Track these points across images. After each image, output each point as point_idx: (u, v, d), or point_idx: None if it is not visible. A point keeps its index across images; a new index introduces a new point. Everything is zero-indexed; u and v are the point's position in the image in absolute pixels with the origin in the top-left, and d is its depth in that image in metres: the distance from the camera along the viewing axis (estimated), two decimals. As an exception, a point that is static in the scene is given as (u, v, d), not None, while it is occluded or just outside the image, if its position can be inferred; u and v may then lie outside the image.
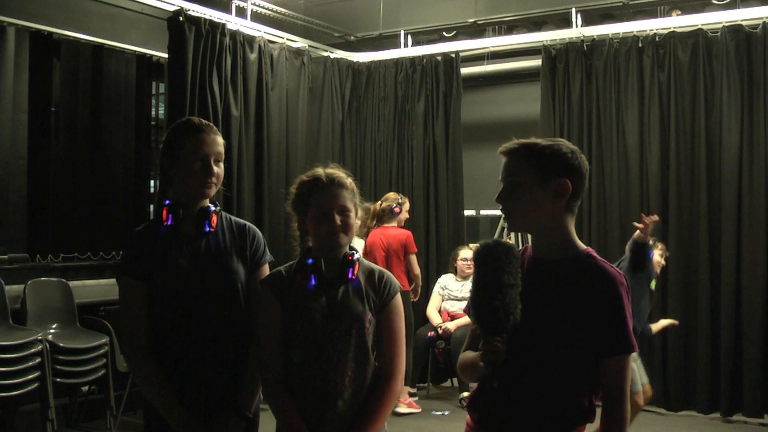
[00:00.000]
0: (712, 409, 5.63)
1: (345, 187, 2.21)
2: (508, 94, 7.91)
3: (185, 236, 2.27)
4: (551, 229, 1.91)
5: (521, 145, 1.90)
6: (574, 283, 1.87)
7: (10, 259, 5.41)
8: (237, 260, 2.31)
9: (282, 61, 6.40)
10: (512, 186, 1.89)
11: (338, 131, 7.05)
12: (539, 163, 1.87)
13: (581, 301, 1.85)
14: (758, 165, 5.54)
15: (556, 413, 1.86)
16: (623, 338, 1.84)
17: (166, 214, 2.24)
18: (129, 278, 2.22)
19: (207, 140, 2.27)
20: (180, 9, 5.45)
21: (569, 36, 6.33)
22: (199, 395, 2.20)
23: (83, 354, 4.90)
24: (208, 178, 2.25)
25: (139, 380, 2.24)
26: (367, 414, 2.16)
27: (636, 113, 6.00)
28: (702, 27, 5.81)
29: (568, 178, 1.87)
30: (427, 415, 5.75)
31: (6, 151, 5.47)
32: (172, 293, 2.21)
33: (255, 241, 2.37)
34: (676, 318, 5.53)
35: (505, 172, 1.91)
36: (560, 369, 1.85)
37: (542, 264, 1.91)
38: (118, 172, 6.21)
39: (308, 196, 2.21)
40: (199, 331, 2.21)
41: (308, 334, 2.14)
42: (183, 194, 2.28)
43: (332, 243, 2.18)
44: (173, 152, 2.27)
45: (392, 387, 2.20)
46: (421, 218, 6.89)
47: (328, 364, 2.13)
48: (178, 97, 5.38)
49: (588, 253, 1.93)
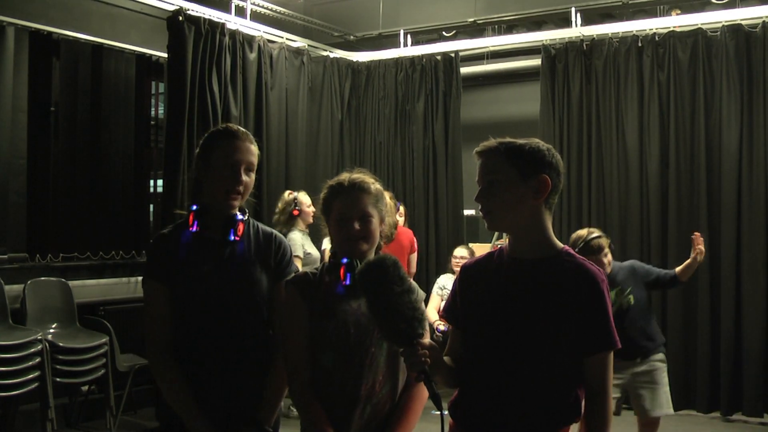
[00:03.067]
0: (711, 409, 5.63)
1: (367, 191, 2.14)
2: (508, 93, 7.91)
3: (210, 242, 2.23)
4: (530, 227, 1.91)
5: (500, 143, 1.91)
6: (554, 281, 1.88)
7: (10, 259, 5.41)
8: (260, 270, 2.26)
9: (281, 61, 6.41)
10: (493, 184, 1.89)
11: (337, 131, 7.05)
12: (519, 160, 1.88)
13: (563, 300, 1.86)
14: (758, 164, 5.54)
15: (541, 412, 1.87)
16: (606, 335, 1.86)
17: (192, 219, 2.21)
18: (153, 281, 2.20)
19: (241, 147, 2.22)
20: (179, 9, 5.46)
21: (569, 35, 6.34)
22: (217, 405, 2.17)
23: (83, 354, 4.90)
24: (236, 186, 2.20)
25: (162, 385, 2.20)
26: (397, 418, 2.13)
27: (636, 113, 6.00)
28: (702, 26, 5.81)
29: (546, 174, 1.88)
30: (427, 414, 5.74)
31: (6, 150, 5.46)
32: (193, 299, 2.18)
33: (281, 250, 2.31)
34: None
35: (483, 170, 1.92)
36: (544, 368, 1.86)
37: (521, 263, 1.91)
38: (118, 171, 6.20)
39: (331, 201, 2.16)
40: (219, 340, 2.18)
41: (340, 337, 2.07)
42: (211, 199, 2.24)
43: (350, 249, 2.11)
44: (206, 156, 2.24)
45: (422, 391, 2.14)
46: (421, 218, 6.89)
47: (360, 368, 2.06)
48: (178, 97, 5.39)
49: (566, 251, 1.94)
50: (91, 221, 5.94)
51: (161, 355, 2.18)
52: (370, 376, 2.07)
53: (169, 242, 2.24)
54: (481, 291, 1.97)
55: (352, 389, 2.06)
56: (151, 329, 2.20)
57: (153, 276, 2.20)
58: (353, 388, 2.06)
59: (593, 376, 1.86)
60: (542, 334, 1.85)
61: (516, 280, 1.89)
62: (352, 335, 2.07)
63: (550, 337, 1.85)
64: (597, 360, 1.86)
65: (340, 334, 2.07)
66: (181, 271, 2.18)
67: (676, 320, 5.73)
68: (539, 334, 1.85)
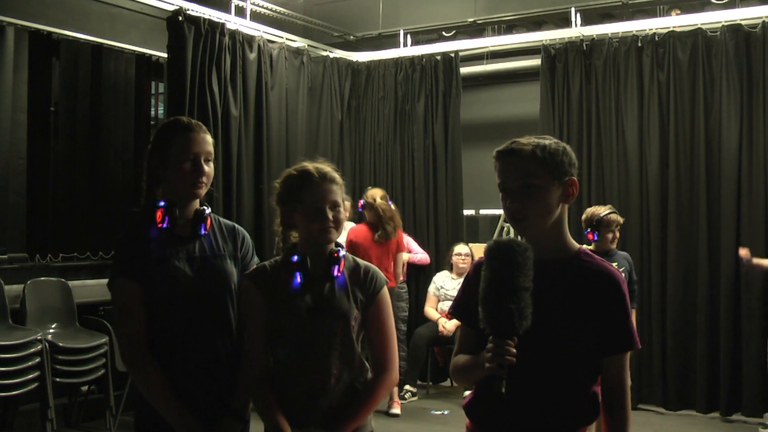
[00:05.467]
0: (711, 409, 5.62)
1: (336, 182, 2.19)
2: (508, 93, 7.92)
3: (179, 238, 2.24)
4: (554, 229, 1.90)
5: (534, 146, 1.86)
6: (574, 282, 1.87)
7: (10, 259, 5.41)
8: (230, 262, 2.29)
9: (281, 61, 6.40)
10: (530, 188, 1.84)
11: (337, 131, 7.05)
12: (553, 163, 1.85)
13: (583, 300, 1.85)
14: (757, 164, 5.54)
15: (559, 412, 1.86)
16: (626, 335, 1.86)
17: (162, 215, 2.20)
18: (125, 280, 2.18)
19: (197, 139, 2.23)
20: (179, 8, 5.46)
21: (569, 35, 6.33)
22: (195, 398, 2.18)
23: (83, 354, 4.90)
24: (199, 177, 2.22)
25: (138, 382, 2.20)
26: (358, 402, 2.15)
27: (635, 113, 6.00)
28: (701, 26, 5.81)
29: (573, 175, 1.88)
30: (427, 414, 5.75)
31: (5, 150, 5.46)
32: (167, 296, 2.18)
33: (245, 243, 2.35)
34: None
35: (515, 173, 1.85)
36: (563, 367, 1.85)
37: (540, 264, 1.87)
38: (118, 171, 6.20)
39: (298, 192, 2.17)
40: (195, 334, 2.20)
41: (294, 333, 2.13)
42: (173, 194, 2.24)
43: (324, 239, 2.16)
44: (163, 151, 2.24)
45: (387, 379, 2.21)
46: (421, 218, 6.89)
47: (313, 363, 2.12)
48: (178, 97, 5.39)
49: (584, 251, 1.93)
50: (91, 221, 5.93)
51: (137, 352, 2.16)
52: (324, 370, 2.12)
53: (138, 240, 2.22)
54: None
55: (307, 383, 2.11)
56: (126, 328, 2.19)
57: (124, 274, 2.18)
58: (309, 382, 2.11)
59: (612, 376, 1.87)
60: (561, 334, 1.84)
61: (535, 281, 1.84)
62: (306, 330, 2.12)
63: (570, 338, 1.84)
64: (616, 360, 1.87)
65: (292, 329, 2.13)
66: (153, 268, 2.18)
67: (675, 320, 5.73)
68: (558, 334, 1.84)
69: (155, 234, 2.21)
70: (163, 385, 2.14)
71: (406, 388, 6.05)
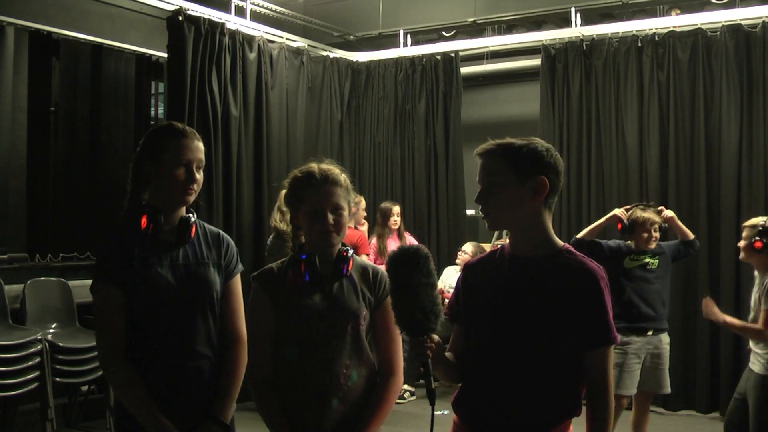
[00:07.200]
0: (711, 409, 5.63)
1: (339, 184, 2.17)
2: (508, 93, 7.91)
3: (164, 244, 2.22)
4: (530, 227, 1.94)
5: (498, 145, 1.94)
6: (555, 278, 1.91)
7: (10, 259, 5.41)
8: (214, 270, 2.27)
9: (281, 61, 6.41)
10: (491, 186, 1.92)
11: (337, 131, 7.06)
12: (517, 162, 1.90)
13: (563, 296, 1.89)
14: (757, 164, 5.54)
15: (542, 406, 1.90)
16: (605, 330, 1.90)
17: (147, 221, 2.18)
18: (107, 285, 2.16)
19: (191, 146, 2.22)
20: (179, 8, 5.46)
21: (569, 35, 6.34)
22: (175, 405, 2.16)
23: (83, 354, 4.90)
24: (191, 185, 2.20)
25: (115, 387, 2.18)
26: (371, 411, 2.15)
27: (635, 112, 6.00)
28: (701, 26, 5.81)
29: (545, 175, 1.91)
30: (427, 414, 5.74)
31: (5, 150, 5.47)
32: (150, 302, 2.16)
33: (229, 250, 2.33)
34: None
35: (483, 172, 1.95)
36: (545, 363, 1.89)
37: (522, 261, 1.95)
38: (118, 171, 6.19)
39: (301, 192, 2.17)
40: (176, 341, 2.18)
41: (303, 331, 2.12)
42: (161, 200, 2.22)
43: (324, 242, 2.16)
44: (155, 156, 2.23)
45: (394, 383, 2.21)
46: (422, 218, 6.89)
47: (323, 362, 2.11)
48: (178, 97, 5.39)
49: (566, 248, 1.97)
50: (91, 221, 5.93)
51: (116, 357, 2.14)
52: (333, 369, 2.12)
53: (121, 245, 2.20)
54: (482, 288, 2.01)
55: (316, 382, 2.11)
56: (105, 335, 2.17)
57: (106, 279, 2.16)
58: (318, 381, 2.11)
59: (594, 371, 1.90)
60: (542, 329, 1.89)
61: (516, 277, 1.93)
62: (314, 329, 2.12)
63: (550, 333, 1.88)
64: (597, 355, 1.90)
65: (302, 328, 2.12)
66: (136, 274, 2.16)
67: (675, 320, 5.71)
68: (539, 329, 1.89)
69: (139, 240, 2.19)
70: (138, 388, 2.12)
71: (405, 388, 6.04)
